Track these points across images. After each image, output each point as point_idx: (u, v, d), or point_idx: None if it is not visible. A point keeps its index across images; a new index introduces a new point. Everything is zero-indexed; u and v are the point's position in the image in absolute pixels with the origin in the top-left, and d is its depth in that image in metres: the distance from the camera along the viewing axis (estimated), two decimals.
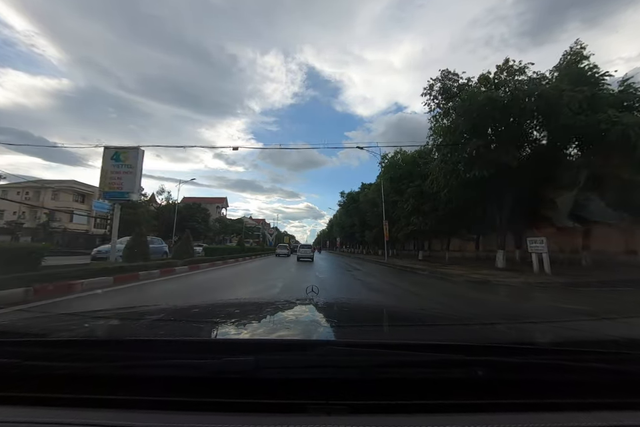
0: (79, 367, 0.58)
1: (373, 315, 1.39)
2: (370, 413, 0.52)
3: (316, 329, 1.01)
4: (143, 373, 0.58)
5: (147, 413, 0.50)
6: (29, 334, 0.74)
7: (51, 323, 0.99)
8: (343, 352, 0.61)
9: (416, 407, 0.54)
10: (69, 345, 0.64)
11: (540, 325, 1.34)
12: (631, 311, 4.87)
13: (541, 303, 5.84)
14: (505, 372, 0.60)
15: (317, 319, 1.23)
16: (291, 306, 1.40)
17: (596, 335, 1.00)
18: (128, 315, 1.16)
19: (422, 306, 4.30)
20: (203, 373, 0.56)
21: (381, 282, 9.28)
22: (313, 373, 0.58)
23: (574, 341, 0.82)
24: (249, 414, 0.51)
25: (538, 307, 5.41)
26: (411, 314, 1.50)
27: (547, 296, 6.49)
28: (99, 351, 0.63)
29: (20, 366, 0.58)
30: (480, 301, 5.98)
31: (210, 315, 1.24)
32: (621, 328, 1.73)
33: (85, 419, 0.48)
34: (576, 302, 5.69)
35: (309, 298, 1.53)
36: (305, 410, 0.52)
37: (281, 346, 0.68)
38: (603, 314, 4.42)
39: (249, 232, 59.30)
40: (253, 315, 1.20)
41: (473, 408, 0.54)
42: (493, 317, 1.62)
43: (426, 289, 7.80)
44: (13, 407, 0.52)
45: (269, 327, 1.02)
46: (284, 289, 6.49)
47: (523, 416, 0.51)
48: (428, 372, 0.60)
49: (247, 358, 0.56)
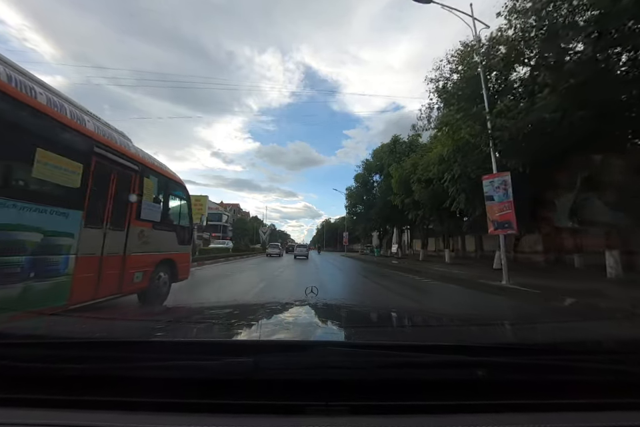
0: (78, 369, 0.58)
1: (372, 317, 1.39)
2: (369, 414, 0.53)
3: (315, 330, 1.01)
4: (143, 374, 0.58)
5: (146, 414, 0.50)
6: (30, 336, 0.73)
7: (51, 325, 0.98)
8: (343, 353, 0.62)
9: (416, 408, 0.54)
10: (67, 347, 0.64)
11: (540, 325, 1.34)
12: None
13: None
14: (504, 373, 0.60)
15: (316, 320, 1.23)
16: (290, 307, 1.40)
17: (596, 335, 1.00)
18: (127, 316, 1.14)
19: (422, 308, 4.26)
20: (202, 375, 0.56)
21: None
22: (312, 374, 0.58)
23: (574, 342, 0.82)
24: (248, 416, 0.51)
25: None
26: (410, 315, 1.50)
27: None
28: (98, 352, 0.63)
29: (20, 368, 0.58)
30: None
31: (209, 316, 1.24)
32: (622, 328, 1.65)
33: (84, 421, 0.48)
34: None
35: (308, 299, 1.54)
36: (304, 411, 0.53)
37: (281, 347, 0.68)
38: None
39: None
40: (252, 317, 1.20)
41: (473, 409, 0.54)
42: (493, 317, 1.61)
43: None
44: (13, 408, 0.52)
45: (268, 329, 1.02)
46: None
47: (524, 416, 0.51)
48: (428, 373, 0.60)
49: (246, 360, 0.56)
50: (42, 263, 2.68)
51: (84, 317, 1.10)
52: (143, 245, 4.26)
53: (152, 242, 4.45)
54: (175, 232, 5.17)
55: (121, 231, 3.85)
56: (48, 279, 2.74)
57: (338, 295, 6.09)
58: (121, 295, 3.92)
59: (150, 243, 4.41)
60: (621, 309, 4.69)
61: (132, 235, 4.01)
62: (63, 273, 2.91)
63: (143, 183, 4.24)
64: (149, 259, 4.43)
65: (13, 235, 2.42)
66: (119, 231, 3.80)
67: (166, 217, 4.93)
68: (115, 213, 3.73)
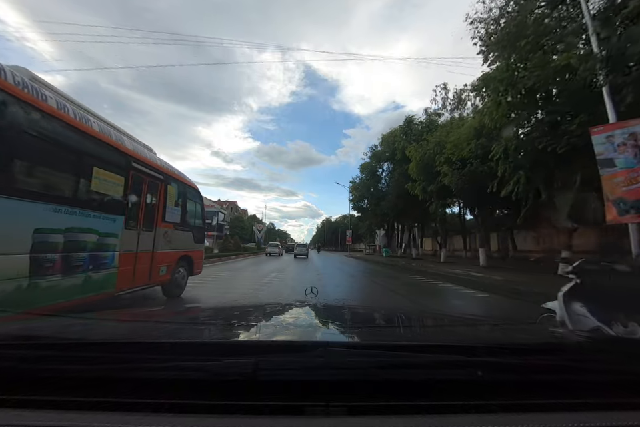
0: (78, 370, 0.59)
1: (372, 317, 1.41)
2: (369, 414, 0.52)
3: (315, 330, 1.03)
4: (142, 375, 0.58)
5: (145, 415, 0.50)
6: (29, 337, 0.74)
7: (50, 326, 0.99)
8: (343, 354, 0.62)
9: (416, 409, 0.54)
10: (67, 348, 0.64)
11: (541, 326, 1.37)
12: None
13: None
14: (504, 373, 0.60)
15: (316, 320, 1.25)
16: (290, 308, 1.42)
17: (596, 335, 1.00)
18: (126, 317, 1.17)
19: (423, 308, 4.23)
20: (202, 375, 0.57)
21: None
22: (312, 374, 0.59)
23: (574, 342, 0.82)
24: (248, 416, 0.51)
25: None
26: (411, 315, 1.51)
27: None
28: (97, 353, 0.63)
29: (19, 369, 0.59)
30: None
31: (210, 317, 1.27)
32: (624, 329, 1.72)
33: (84, 422, 0.48)
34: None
35: (308, 300, 1.57)
36: (304, 412, 0.53)
37: (281, 348, 0.68)
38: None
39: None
40: (252, 317, 1.21)
41: (473, 409, 0.54)
42: (493, 317, 1.63)
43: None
44: (11, 409, 0.52)
45: (268, 329, 1.03)
46: None
47: (523, 417, 0.52)
48: (428, 373, 0.60)
49: (246, 360, 0.57)
50: (97, 258, 3.40)
51: (83, 318, 1.12)
52: (167, 243, 4.98)
53: (173, 241, 5.17)
54: (191, 232, 5.90)
55: (150, 232, 4.57)
56: (102, 270, 3.47)
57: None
58: (150, 285, 4.66)
59: (172, 242, 5.13)
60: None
61: (158, 234, 4.73)
62: (111, 266, 3.64)
63: (167, 190, 4.96)
64: (171, 255, 5.16)
65: (80, 236, 3.15)
66: (149, 232, 4.52)
67: (184, 218, 5.65)
68: (146, 217, 4.45)
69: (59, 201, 2.93)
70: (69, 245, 2.98)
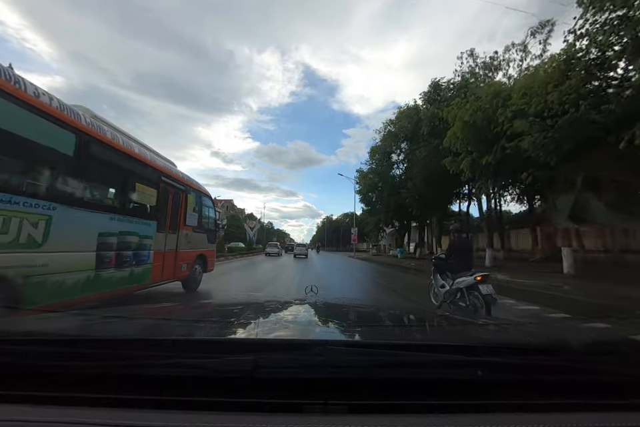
0: (80, 367, 0.59)
1: (372, 315, 1.41)
2: (368, 413, 0.52)
3: (315, 328, 1.03)
4: (142, 372, 0.59)
5: (145, 412, 0.51)
6: (30, 333, 0.75)
7: (52, 322, 1.00)
8: (342, 352, 0.62)
9: (415, 408, 0.54)
10: (68, 345, 0.65)
11: (541, 326, 1.35)
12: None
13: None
14: (504, 373, 0.60)
15: (316, 318, 1.24)
16: (290, 306, 1.42)
17: (596, 335, 1.03)
18: (127, 314, 1.19)
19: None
20: (201, 373, 0.57)
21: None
22: (311, 373, 0.59)
23: (574, 342, 0.82)
24: (247, 414, 0.51)
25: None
26: (411, 315, 1.51)
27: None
28: (99, 350, 0.63)
29: (20, 365, 0.59)
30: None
31: (209, 314, 1.28)
32: (624, 329, 1.71)
33: (84, 418, 0.48)
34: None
35: (308, 298, 1.57)
36: (303, 410, 0.53)
37: (280, 346, 0.68)
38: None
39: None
40: (252, 315, 1.20)
41: (473, 409, 0.54)
42: (493, 318, 1.61)
43: None
44: (13, 405, 0.52)
45: (267, 327, 1.03)
46: None
47: (523, 417, 0.51)
48: (427, 372, 0.60)
49: (245, 358, 0.57)
50: (139, 256, 4.23)
51: (85, 315, 1.14)
52: (187, 244, 5.81)
53: (192, 241, 6.01)
54: (206, 234, 6.73)
55: (175, 234, 5.40)
56: (141, 265, 4.31)
57: None
58: (174, 280, 5.48)
59: (191, 243, 5.96)
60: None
61: (181, 236, 5.56)
62: (147, 262, 4.47)
63: (187, 198, 5.80)
64: (190, 254, 5.99)
65: (128, 238, 3.99)
66: (173, 234, 5.35)
67: (200, 222, 6.49)
68: (172, 221, 5.28)
69: (114, 211, 3.79)
70: (120, 245, 3.81)
